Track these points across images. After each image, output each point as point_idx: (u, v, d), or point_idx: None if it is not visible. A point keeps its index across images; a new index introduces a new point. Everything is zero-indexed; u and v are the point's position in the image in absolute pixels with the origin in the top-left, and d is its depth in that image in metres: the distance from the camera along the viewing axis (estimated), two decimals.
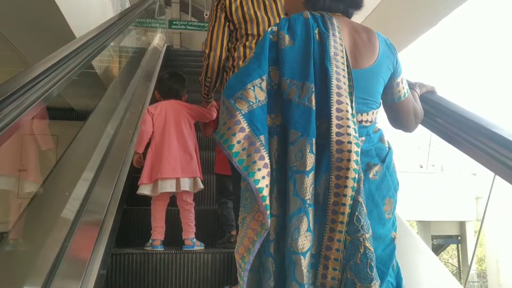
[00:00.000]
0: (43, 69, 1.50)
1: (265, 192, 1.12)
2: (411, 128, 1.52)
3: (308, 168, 1.14)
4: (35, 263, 1.56)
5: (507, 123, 1.44)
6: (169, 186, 2.49)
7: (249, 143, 1.15)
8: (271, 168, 1.17)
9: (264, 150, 1.15)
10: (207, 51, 2.21)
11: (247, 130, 1.16)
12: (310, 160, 1.15)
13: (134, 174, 2.90)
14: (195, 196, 2.70)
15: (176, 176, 2.50)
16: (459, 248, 11.15)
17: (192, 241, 2.50)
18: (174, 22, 9.73)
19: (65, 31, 4.40)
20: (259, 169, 1.12)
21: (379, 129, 1.39)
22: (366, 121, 1.32)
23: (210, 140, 3.65)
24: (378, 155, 1.32)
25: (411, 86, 1.58)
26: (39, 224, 1.76)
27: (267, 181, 1.13)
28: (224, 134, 1.18)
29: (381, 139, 1.36)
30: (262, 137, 1.17)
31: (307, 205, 1.13)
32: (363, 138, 1.30)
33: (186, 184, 2.51)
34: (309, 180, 1.14)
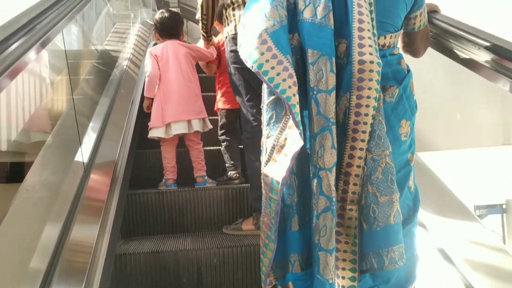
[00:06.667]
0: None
1: (297, 109, 1.13)
2: (420, 54, 1.53)
3: (330, 87, 1.15)
4: (53, 208, 1.61)
5: None
6: (182, 128, 2.54)
7: (277, 62, 1.15)
8: None
9: (292, 68, 1.15)
10: None
11: (274, 49, 1.16)
12: (332, 79, 1.15)
13: (143, 119, 2.93)
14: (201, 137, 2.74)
15: (188, 118, 2.54)
16: (504, 218, 10.50)
17: (204, 179, 2.56)
18: None
19: None
20: (289, 87, 1.13)
21: (399, 53, 1.37)
22: (384, 45, 1.30)
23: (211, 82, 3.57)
24: (394, 77, 1.31)
25: None
26: (52, 172, 1.80)
27: (297, 98, 1.14)
28: (252, 53, 1.17)
29: (399, 62, 1.35)
30: (288, 57, 1.16)
31: (330, 123, 1.15)
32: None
33: (197, 125, 2.56)
34: (331, 99, 1.15)
